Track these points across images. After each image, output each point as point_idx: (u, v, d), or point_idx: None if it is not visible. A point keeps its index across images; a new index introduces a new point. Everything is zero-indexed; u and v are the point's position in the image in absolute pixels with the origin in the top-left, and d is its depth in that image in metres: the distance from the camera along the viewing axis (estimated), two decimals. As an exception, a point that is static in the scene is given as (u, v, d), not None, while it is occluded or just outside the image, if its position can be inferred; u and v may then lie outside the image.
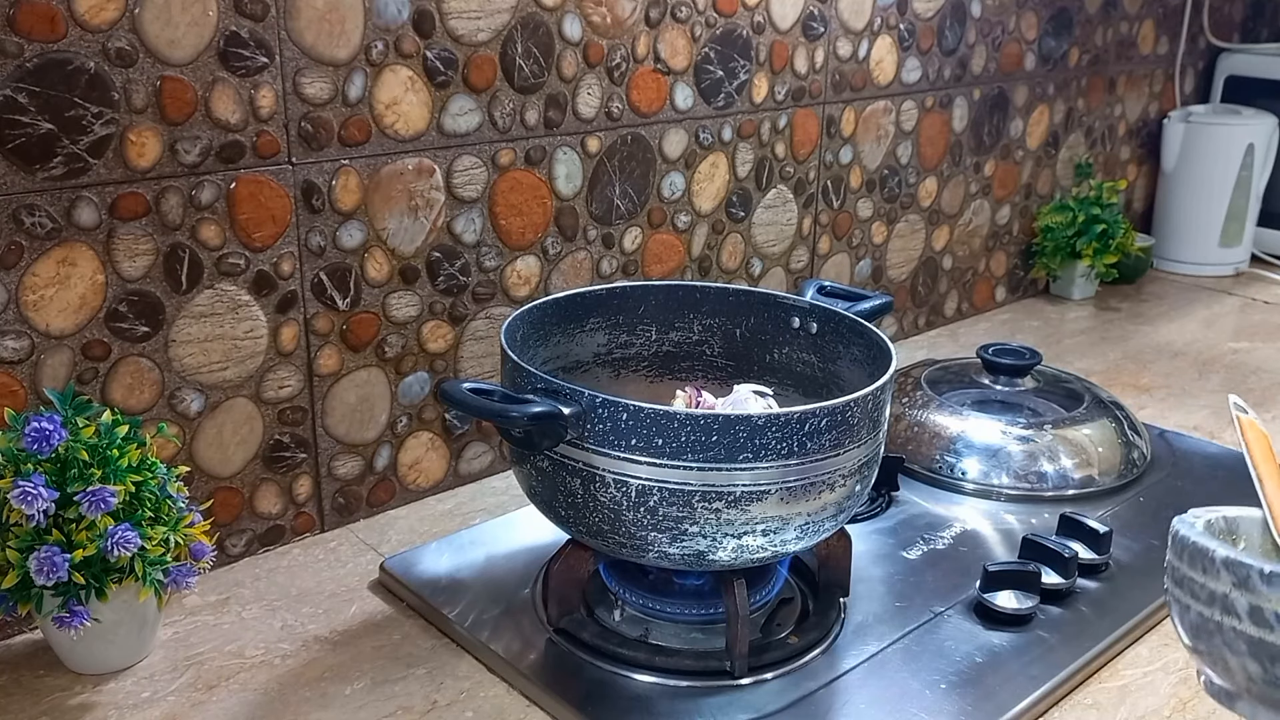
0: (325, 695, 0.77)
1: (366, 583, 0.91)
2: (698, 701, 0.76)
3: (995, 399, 1.16)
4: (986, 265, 1.61)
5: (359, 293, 0.95)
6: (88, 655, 0.78)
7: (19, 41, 0.74)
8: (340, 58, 0.88)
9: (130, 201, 0.81)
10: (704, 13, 1.12)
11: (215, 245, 0.86)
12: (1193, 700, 0.79)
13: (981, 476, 1.06)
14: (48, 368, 0.80)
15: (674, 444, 0.71)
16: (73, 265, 0.79)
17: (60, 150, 0.77)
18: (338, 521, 0.99)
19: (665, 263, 1.17)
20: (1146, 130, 1.83)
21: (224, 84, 0.83)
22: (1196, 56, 1.88)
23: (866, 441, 0.77)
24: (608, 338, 0.96)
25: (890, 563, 0.93)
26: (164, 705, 0.76)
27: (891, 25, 1.32)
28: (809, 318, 0.93)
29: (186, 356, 0.86)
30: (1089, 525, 0.93)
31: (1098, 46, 1.65)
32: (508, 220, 1.03)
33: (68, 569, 0.71)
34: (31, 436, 0.72)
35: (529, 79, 1.00)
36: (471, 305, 1.02)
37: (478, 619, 0.83)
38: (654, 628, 0.82)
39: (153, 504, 0.76)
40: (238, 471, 0.92)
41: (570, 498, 0.76)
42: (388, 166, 0.93)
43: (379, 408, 0.99)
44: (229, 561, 0.93)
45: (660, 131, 1.12)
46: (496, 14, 0.96)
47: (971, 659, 0.81)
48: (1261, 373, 1.41)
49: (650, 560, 0.76)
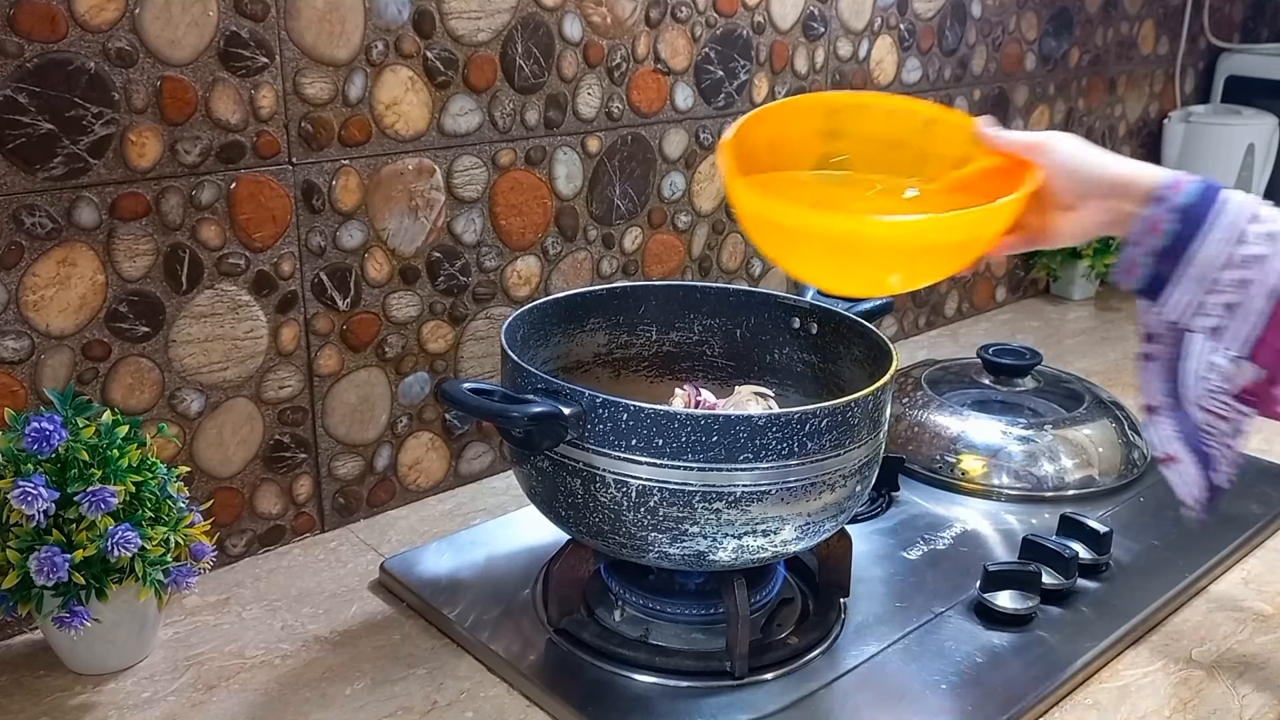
0: (325, 695, 0.77)
1: (367, 583, 0.91)
2: (698, 702, 0.76)
3: (995, 399, 1.16)
4: (987, 265, 1.61)
5: (359, 293, 0.95)
6: (88, 655, 0.78)
7: (19, 41, 0.74)
8: (340, 58, 0.88)
9: (130, 202, 0.81)
10: (704, 13, 1.12)
11: (215, 245, 0.86)
12: (1193, 700, 0.79)
13: (982, 477, 1.06)
14: (48, 368, 0.80)
15: (674, 444, 0.71)
16: (73, 265, 0.79)
17: (60, 150, 0.77)
18: (338, 522, 0.99)
19: (665, 263, 1.17)
20: (1147, 130, 1.83)
21: (224, 84, 0.83)
22: (1197, 56, 1.88)
23: (867, 442, 0.77)
24: (608, 338, 0.96)
25: (890, 563, 0.93)
26: (164, 705, 0.76)
27: (892, 25, 1.32)
28: (809, 318, 0.93)
29: (187, 357, 0.86)
30: (1089, 525, 0.93)
31: (1098, 46, 1.65)
32: (508, 220, 1.03)
33: (68, 569, 0.71)
34: (32, 436, 0.72)
35: (529, 79, 1.00)
36: (472, 305, 1.02)
37: (478, 619, 0.83)
38: (654, 628, 0.82)
39: (153, 504, 0.76)
40: (238, 472, 0.92)
41: (570, 498, 0.76)
42: (388, 167, 0.93)
43: (379, 408, 0.99)
44: (229, 562, 0.93)
45: (660, 131, 1.12)
46: (496, 14, 0.96)
47: (972, 659, 0.81)
48: (1262, 373, 1.40)
49: (650, 560, 0.76)
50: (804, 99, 0.84)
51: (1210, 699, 0.79)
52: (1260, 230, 0.68)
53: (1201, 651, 0.84)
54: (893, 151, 0.81)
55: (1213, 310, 0.69)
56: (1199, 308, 0.70)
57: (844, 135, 0.81)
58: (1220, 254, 0.68)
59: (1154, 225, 0.70)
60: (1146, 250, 0.70)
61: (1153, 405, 0.76)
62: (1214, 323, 0.69)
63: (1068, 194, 0.73)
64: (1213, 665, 0.82)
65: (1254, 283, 0.67)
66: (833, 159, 0.81)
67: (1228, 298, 0.68)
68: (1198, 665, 0.83)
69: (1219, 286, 0.69)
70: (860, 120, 0.81)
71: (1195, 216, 0.69)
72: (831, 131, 0.81)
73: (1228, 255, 0.68)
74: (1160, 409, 0.76)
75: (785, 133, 0.80)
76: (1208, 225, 0.68)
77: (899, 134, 0.81)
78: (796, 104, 0.82)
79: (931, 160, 0.80)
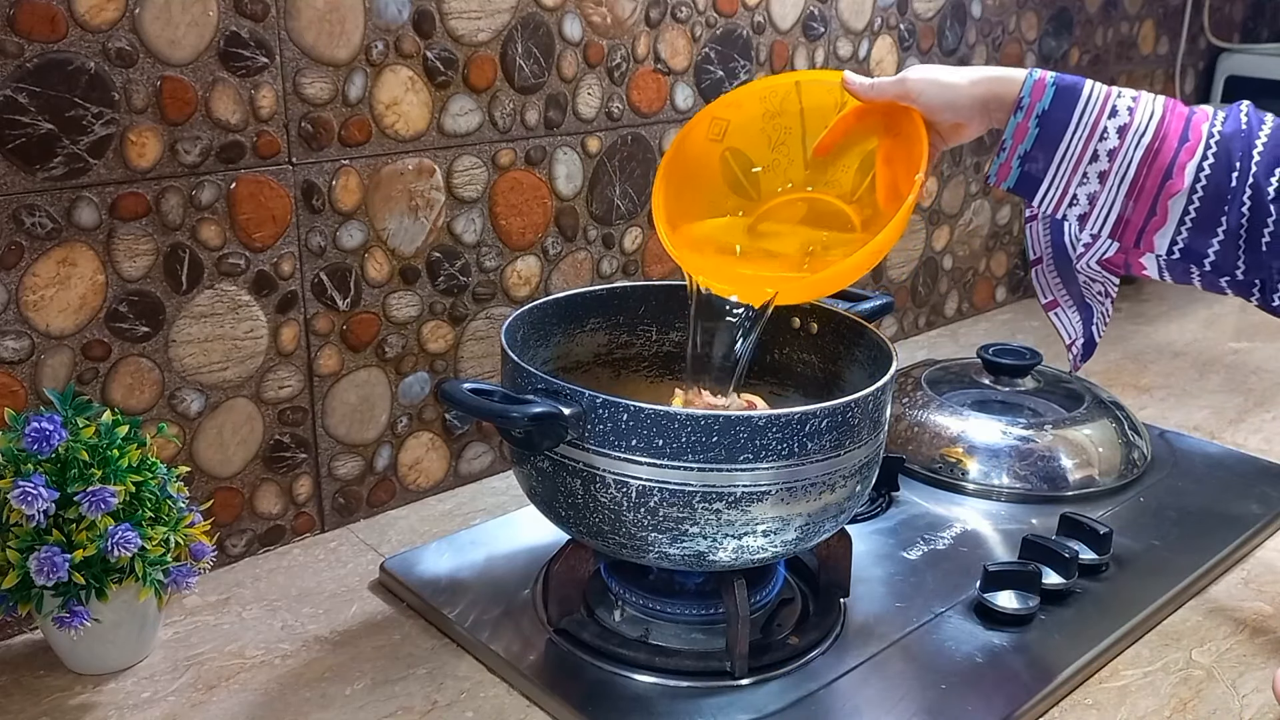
0: (325, 695, 0.77)
1: (367, 583, 0.91)
2: (698, 702, 0.76)
3: (995, 399, 1.16)
4: (987, 265, 1.61)
5: (359, 293, 0.95)
6: (88, 655, 0.78)
7: (19, 41, 0.74)
8: (340, 58, 0.88)
9: (130, 201, 0.81)
10: (704, 13, 1.12)
11: (215, 245, 0.86)
12: (1193, 700, 0.79)
13: (982, 476, 1.06)
14: (48, 368, 0.80)
15: (674, 444, 0.71)
16: (73, 265, 0.79)
17: (60, 150, 0.77)
18: (338, 522, 0.99)
19: (665, 263, 1.17)
20: (1147, 130, 1.83)
21: (224, 84, 0.83)
22: (1197, 56, 1.88)
23: (867, 442, 0.77)
24: (608, 338, 0.96)
25: (890, 563, 0.93)
26: (164, 705, 0.76)
27: (892, 25, 1.32)
28: (809, 318, 0.93)
29: (187, 356, 0.86)
30: (1089, 525, 0.93)
31: (1098, 46, 1.65)
32: (508, 220, 1.03)
33: (68, 569, 0.71)
34: (32, 436, 0.72)
35: (529, 79, 1.00)
36: (472, 305, 1.02)
37: (478, 619, 0.83)
38: (654, 628, 0.82)
39: (153, 504, 0.76)
40: (238, 471, 0.92)
41: (570, 498, 0.76)
42: (388, 166, 0.93)
43: (379, 408, 0.99)
44: (229, 562, 0.93)
45: (661, 132, 1.12)
46: (497, 14, 0.96)
47: (971, 659, 0.81)
48: (1262, 373, 1.41)
49: (650, 561, 0.76)
50: (688, 130, 0.90)
51: (1210, 699, 0.79)
52: (1114, 125, 0.76)
53: (1201, 651, 0.84)
54: (777, 120, 0.89)
55: (1080, 200, 0.78)
56: (1068, 200, 0.78)
57: (730, 133, 0.89)
58: (1081, 151, 0.77)
59: (1019, 132, 0.78)
60: (1015, 155, 0.78)
61: (1037, 257, 0.88)
62: (1080, 210, 0.78)
63: (948, 121, 0.82)
64: (1213, 665, 0.82)
65: (1111, 173, 0.76)
66: (734, 154, 0.90)
67: (1090, 188, 0.77)
68: (1198, 665, 0.83)
69: (1083, 180, 0.77)
70: (738, 111, 0.89)
71: (1056, 120, 0.77)
72: (718, 136, 0.89)
73: (1090, 151, 0.77)
74: (1044, 260, 0.87)
75: (694, 163, 0.89)
76: (1069, 126, 0.77)
77: (775, 106, 0.89)
78: (687, 136, 0.89)
79: (813, 114, 0.88)
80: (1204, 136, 0.75)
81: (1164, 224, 0.76)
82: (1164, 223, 0.76)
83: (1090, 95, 0.77)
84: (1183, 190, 0.75)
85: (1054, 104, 0.77)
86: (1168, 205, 0.75)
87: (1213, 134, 0.75)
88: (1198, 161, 0.75)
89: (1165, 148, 0.75)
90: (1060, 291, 0.89)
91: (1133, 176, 0.76)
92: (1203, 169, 0.74)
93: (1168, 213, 0.76)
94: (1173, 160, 0.75)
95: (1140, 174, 0.76)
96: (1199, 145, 0.75)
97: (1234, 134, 0.75)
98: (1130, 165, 0.76)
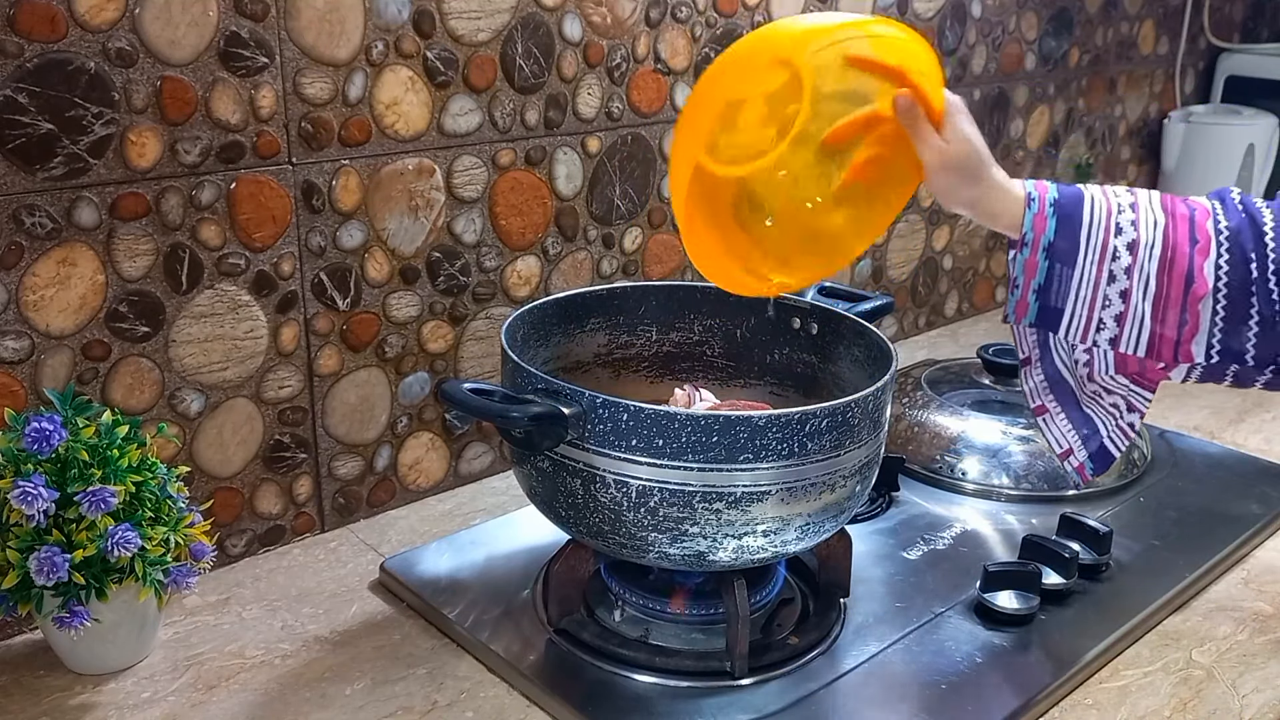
0: (325, 695, 0.77)
1: (367, 583, 0.91)
2: (698, 702, 0.76)
3: (995, 399, 1.16)
4: (987, 265, 1.61)
5: (359, 293, 0.95)
6: (88, 655, 0.78)
7: (19, 41, 0.74)
8: (340, 58, 0.88)
9: (130, 202, 0.81)
10: (704, 13, 1.12)
11: (215, 245, 0.86)
12: (1193, 700, 0.79)
13: (982, 477, 1.06)
14: (48, 368, 0.80)
15: (674, 444, 0.71)
16: (73, 265, 0.79)
17: (60, 150, 0.77)
18: (338, 522, 0.99)
19: (665, 263, 1.17)
20: (1147, 130, 1.83)
21: (224, 84, 0.83)
22: (1197, 56, 1.88)
23: (867, 442, 0.77)
24: (608, 338, 0.96)
25: (890, 563, 0.93)
26: (164, 705, 0.76)
27: (892, 25, 1.32)
28: (809, 318, 0.93)
29: (187, 356, 0.86)
30: (1089, 525, 0.93)
31: (1098, 46, 1.65)
32: (508, 220, 1.03)
33: (68, 569, 0.71)
34: (31, 436, 0.72)
35: (529, 79, 1.00)
36: (472, 305, 1.02)
37: (478, 619, 0.83)
38: (654, 628, 0.82)
39: (153, 504, 0.76)
40: (238, 471, 0.92)
41: (571, 498, 0.76)
42: (388, 166, 0.93)
43: (379, 408, 0.99)
44: (229, 562, 0.93)
45: (660, 132, 1.12)
46: (496, 14, 0.96)
47: (971, 659, 0.81)
48: (1262, 373, 1.40)
49: (650, 561, 0.76)
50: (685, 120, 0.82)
51: (1210, 699, 0.79)
52: (1123, 242, 0.75)
53: (1201, 651, 0.84)
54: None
55: (1108, 324, 0.76)
56: (1095, 326, 0.76)
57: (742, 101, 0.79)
58: (1097, 275, 0.76)
59: (1030, 267, 0.77)
60: (1030, 290, 0.77)
61: (1025, 357, 0.84)
62: (1110, 334, 0.76)
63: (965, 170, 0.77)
64: (1213, 665, 0.82)
65: (1132, 290, 0.75)
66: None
67: (1114, 309, 0.75)
68: (1198, 665, 0.83)
69: (1105, 303, 0.76)
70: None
71: (1065, 251, 0.76)
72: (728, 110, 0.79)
73: (1105, 273, 0.75)
74: (1033, 361, 0.84)
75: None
76: (1079, 254, 0.76)
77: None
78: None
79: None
80: (1212, 235, 0.75)
81: (1197, 330, 0.75)
82: (1197, 329, 0.75)
83: (1092, 216, 0.76)
84: (1209, 292, 0.74)
85: (1059, 234, 0.76)
86: (1198, 310, 0.74)
87: (1220, 230, 0.75)
88: (1214, 260, 0.74)
89: (1179, 254, 0.75)
90: (1048, 396, 0.85)
91: (1155, 289, 0.75)
92: (1221, 266, 0.74)
93: (1198, 317, 0.75)
94: (1190, 265, 0.74)
95: (1162, 285, 0.75)
96: (1210, 244, 0.75)
97: (1240, 226, 0.75)
98: (1149, 278, 0.75)
